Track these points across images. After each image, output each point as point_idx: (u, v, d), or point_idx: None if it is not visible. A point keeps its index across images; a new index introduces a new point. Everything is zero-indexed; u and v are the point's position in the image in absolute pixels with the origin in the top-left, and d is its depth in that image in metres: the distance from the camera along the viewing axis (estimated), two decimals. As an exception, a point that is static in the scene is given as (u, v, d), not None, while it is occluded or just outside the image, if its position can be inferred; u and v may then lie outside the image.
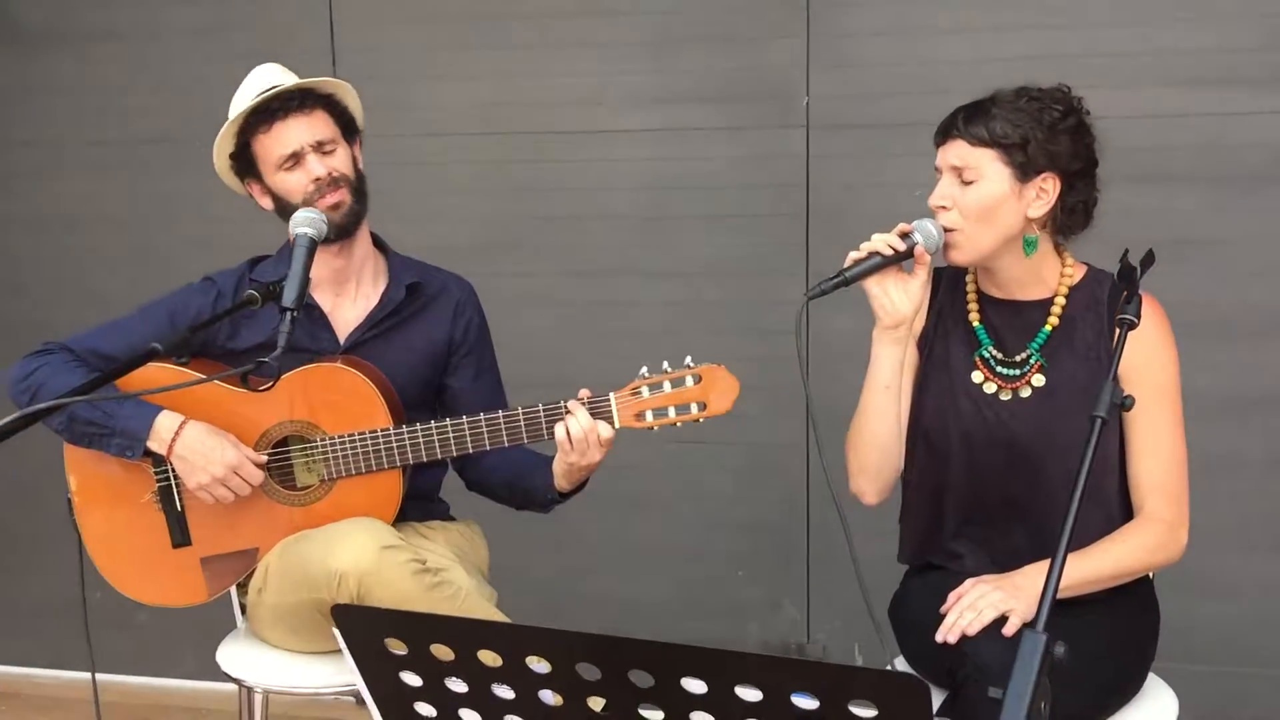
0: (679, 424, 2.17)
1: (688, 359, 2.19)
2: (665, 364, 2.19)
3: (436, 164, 3.37)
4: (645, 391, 2.15)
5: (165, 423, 2.21)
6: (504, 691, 1.29)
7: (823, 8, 3.15)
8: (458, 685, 1.30)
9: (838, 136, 3.19)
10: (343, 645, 1.32)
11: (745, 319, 3.30)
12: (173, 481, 2.29)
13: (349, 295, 2.39)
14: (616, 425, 2.15)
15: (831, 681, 1.17)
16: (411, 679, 1.32)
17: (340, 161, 2.32)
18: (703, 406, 2.16)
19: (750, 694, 1.19)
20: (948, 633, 1.89)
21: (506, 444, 2.19)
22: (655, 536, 3.38)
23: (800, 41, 3.17)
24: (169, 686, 3.73)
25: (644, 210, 3.32)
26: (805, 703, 1.18)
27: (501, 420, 2.18)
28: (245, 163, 2.35)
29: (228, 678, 2.34)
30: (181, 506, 2.29)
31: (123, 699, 3.62)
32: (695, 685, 1.20)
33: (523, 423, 2.17)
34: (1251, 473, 3.03)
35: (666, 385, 2.16)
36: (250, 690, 2.35)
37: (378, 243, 2.46)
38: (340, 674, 2.27)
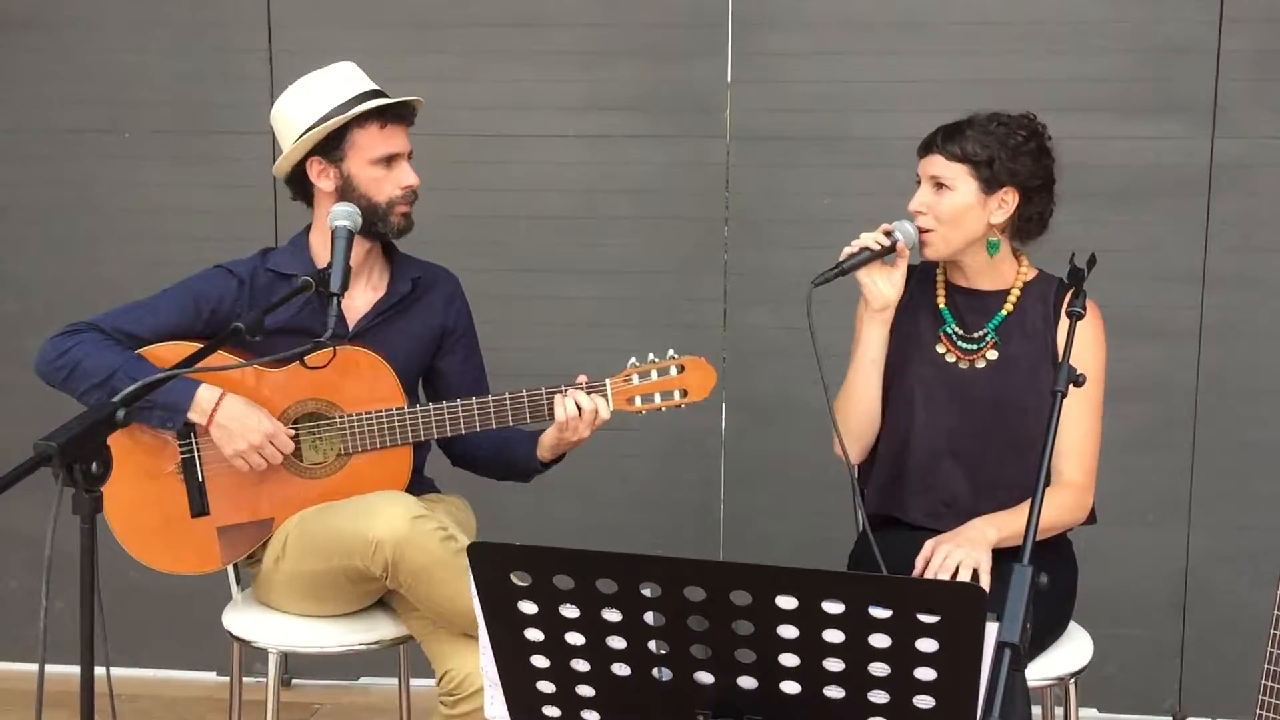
0: (664, 409, 2.42)
1: (670, 351, 2.43)
2: (651, 355, 2.42)
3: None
4: (636, 379, 2.39)
5: (206, 394, 2.34)
6: (611, 615, 1.49)
7: (744, 28, 3.44)
8: (570, 611, 1.50)
9: (755, 147, 3.47)
10: (471, 580, 1.51)
11: (667, 314, 3.55)
12: (196, 454, 2.40)
13: (359, 285, 2.54)
14: (611, 407, 2.38)
15: (902, 593, 1.43)
16: (528, 607, 1.51)
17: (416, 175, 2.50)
18: (685, 393, 2.41)
19: (834, 607, 1.43)
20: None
21: (512, 423, 2.40)
22: (579, 517, 3.59)
23: (723, 59, 3.45)
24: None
25: (574, 211, 3.53)
26: (880, 612, 1.43)
27: (508, 402, 2.39)
28: (330, 143, 2.43)
29: (238, 641, 2.45)
30: (202, 477, 2.40)
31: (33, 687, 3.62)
32: (787, 601, 1.44)
33: (527, 404, 2.38)
34: (1111, 455, 3.41)
35: (654, 374, 2.40)
36: (245, 655, 2.46)
37: None
38: (350, 634, 2.43)
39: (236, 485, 2.40)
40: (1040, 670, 2.30)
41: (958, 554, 2.21)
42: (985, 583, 2.18)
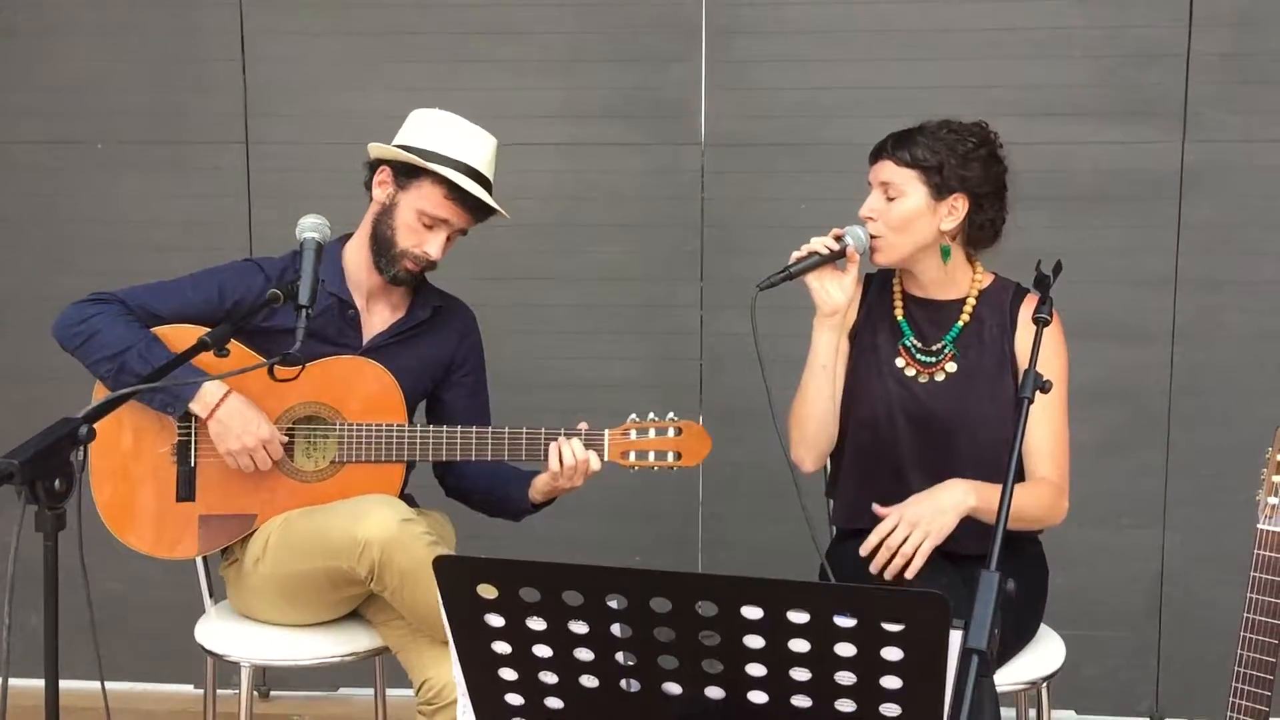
0: (656, 468, 2.45)
1: (670, 414, 2.46)
2: (651, 414, 2.45)
3: (350, 171, 3.48)
4: (633, 434, 2.43)
5: (212, 389, 2.35)
6: (579, 627, 1.49)
7: (717, 36, 3.44)
8: (537, 624, 1.50)
9: (730, 154, 3.48)
10: (438, 592, 1.51)
11: (642, 321, 3.56)
12: (193, 439, 2.40)
13: (381, 303, 2.56)
14: (605, 458, 2.41)
15: (867, 602, 1.43)
16: (495, 620, 1.51)
17: (445, 249, 2.52)
18: (678, 456, 2.44)
19: (799, 617, 1.43)
20: (879, 569, 2.23)
21: (507, 457, 2.43)
22: (557, 528, 3.55)
23: (697, 66, 3.45)
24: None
25: (550, 219, 3.53)
26: (845, 621, 1.43)
27: (506, 436, 2.41)
28: (406, 171, 2.46)
29: (211, 655, 2.44)
30: (194, 463, 2.40)
31: (16, 701, 3.60)
32: (752, 612, 1.44)
33: (525, 442, 2.41)
34: (1086, 458, 3.41)
35: (652, 432, 2.43)
36: (217, 670, 2.46)
37: None
38: (324, 646, 2.43)
39: (226, 477, 2.41)
40: (1012, 675, 2.31)
41: (914, 538, 2.22)
42: (921, 556, 2.21)
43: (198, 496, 2.42)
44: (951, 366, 2.41)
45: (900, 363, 2.44)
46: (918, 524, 2.22)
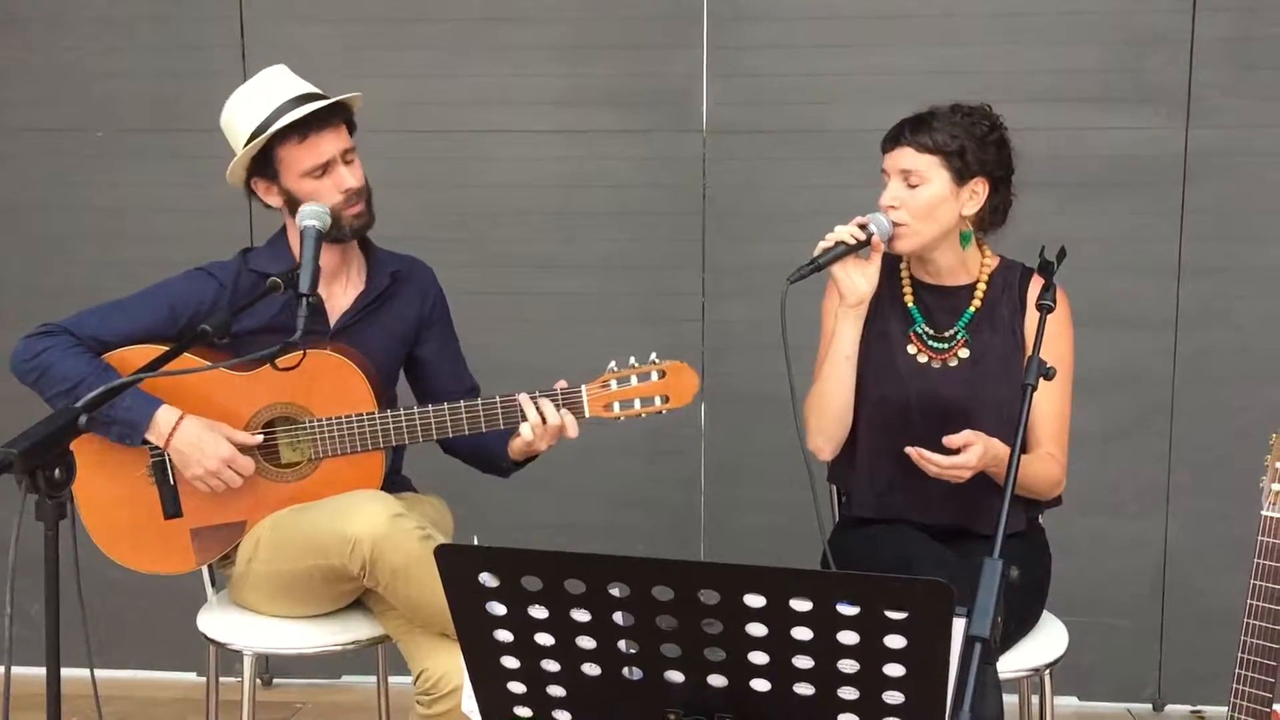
0: (644, 415, 2.38)
1: (653, 355, 2.41)
2: (632, 359, 2.39)
3: (349, 159, 3.49)
4: (614, 385, 2.36)
5: (164, 416, 2.32)
6: (581, 615, 1.49)
7: (720, 22, 3.43)
8: (539, 612, 1.50)
9: (731, 141, 3.46)
10: (432, 586, 1.50)
11: (645, 309, 3.55)
12: (166, 456, 2.39)
13: (339, 284, 2.53)
14: (586, 415, 2.36)
15: (869, 590, 1.43)
16: (496, 608, 1.51)
17: (358, 172, 2.44)
18: (666, 399, 2.38)
19: (802, 605, 1.43)
20: (928, 463, 2.26)
21: (484, 429, 2.38)
22: (558, 515, 3.58)
23: (699, 52, 3.44)
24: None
25: (551, 207, 3.52)
26: (848, 610, 1.43)
27: (480, 407, 2.37)
28: (261, 164, 2.41)
29: (213, 644, 2.44)
30: (174, 480, 2.39)
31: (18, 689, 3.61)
32: (755, 600, 1.43)
33: (500, 410, 2.37)
34: (1091, 446, 3.42)
35: (634, 379, 2.37)
36: (220, 658, 2.46)
37: None
38: (326, 635, 2.42)
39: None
40: (1014, 661, 2.31)
41: (960, 473, 2.25)
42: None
43: (184, 511, 2.40)
44: (964, 352, 2.41)
45: (912, 349, 2.44)
46: (974, 466, 2.24)
